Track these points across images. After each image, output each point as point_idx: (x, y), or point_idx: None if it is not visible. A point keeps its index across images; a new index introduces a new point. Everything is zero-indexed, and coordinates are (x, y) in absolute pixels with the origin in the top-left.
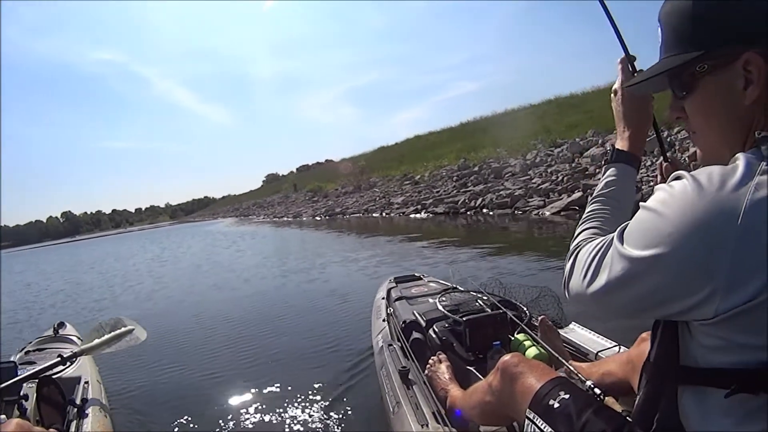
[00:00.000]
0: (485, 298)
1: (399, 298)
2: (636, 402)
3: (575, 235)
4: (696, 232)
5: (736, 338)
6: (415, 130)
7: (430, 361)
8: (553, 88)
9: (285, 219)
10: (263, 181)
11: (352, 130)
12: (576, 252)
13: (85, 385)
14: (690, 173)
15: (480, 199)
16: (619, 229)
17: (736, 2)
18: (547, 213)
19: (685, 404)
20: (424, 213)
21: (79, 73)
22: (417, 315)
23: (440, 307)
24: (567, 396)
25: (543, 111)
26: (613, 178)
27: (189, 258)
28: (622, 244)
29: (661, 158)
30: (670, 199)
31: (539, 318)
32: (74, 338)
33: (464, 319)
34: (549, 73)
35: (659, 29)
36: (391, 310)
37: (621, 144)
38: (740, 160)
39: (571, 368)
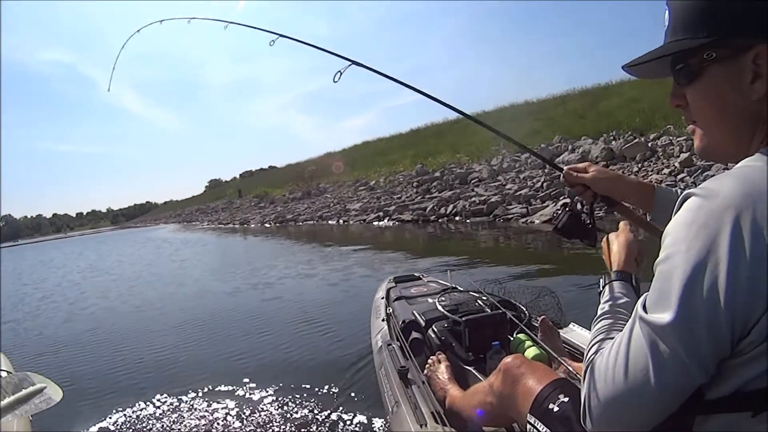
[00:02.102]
0: (485, 298)
1: (398, 298)
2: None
3: (585, 355)
4: (742, 238)
5: None
6: (360, 137)
7: (430, 360)
8: (506, 96)
9: (231, 226)
10: (206, 187)
11: (296, 137)
12: (588, 369)
13: None
14: (698, 187)
15: (451, 206)
16: (638, 307)
17: None
18: (537, 221)
19: (703, 427)
20: (389, 221)
21: (25, 73)
22: (416, 315)
23: (440, 307)
24: (566, 399)
25: (497, 117)
26: (619, 293)
27: (127, 268)
28: (653, 313)
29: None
30: (689, 224)
31: (539, 318)
32: None
33: (464, 319)
34: (496, 83)
35: (666, 12)
36: (391, 309)
37: (616, 267)
38: (759, 159)
39: (570, 369)
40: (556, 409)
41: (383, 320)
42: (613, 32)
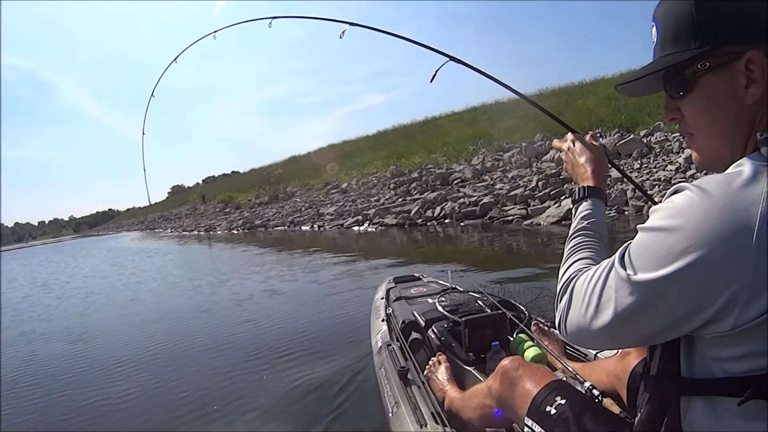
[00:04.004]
0: (485, 298)
1: (398, 298)
2: (638, 415)
3: (564, 270)
4: (713, 243)
5: (752, 348)
6: (325, 141)
7: (430, 362)
8: (474, 97)
9: (196, 233)
10: (168, 193)
11: (259, 142)
12: (570, 284)
13: None
14: (692, 183)
15: (438, 208)
16: (617, 255)
17: (739, 1)
18: (543, 223)
19: (692, 414)
20: (370, 225)
21: None
22: (416, 315)
23: (439, 308)
24: (563, 401)
25: (470, 117)
26: (588, 211)
27: (79, 283)
28: (626, 269)
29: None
30: (678, 212)
31: (533, 324)
32: None
33: (463, 319)
34: (458, 86)
35: (654, 29)
36: (390, 310)
37: (586, 182)
38: (745, 165)
39: (569, 369)
40: (553, 411)
41: (383, 320)
42: (581, 32)
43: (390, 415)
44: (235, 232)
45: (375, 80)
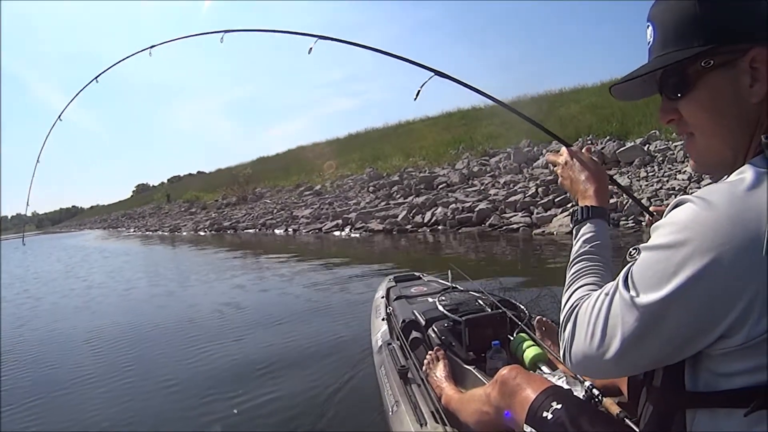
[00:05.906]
0: (485, 297)
1: (398, 297)
2: (641, 426)
3: (566, 298)
4: (723, 254)
5: (760, 362)
6: (294, 143)
7: (427, 357)
8: (441, 103)
9: (160, 233)
10: (133, 192)
11: (223, 142)
12: (574, 312)
13: None
14: (694, 195)
15: (429, 214)
16: (620, 277)
17: None
18: (555, 231)
19: (697, 425)
20: (352, 230)
21: None
22: (416, 314)
23: (440, 307)
24: (559, 406)
25: (446, 122)
26: (591, 234)
27: (20, 287)
28: (630, 291)
29: (647, 216)
30: (683, 227)
31: (536, 319)
32: None
33: (464, 318)
34: (430, 93)
35: (650, 29)
36: (391, 309)
37: (588, 201)
38: (747, 172)
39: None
40: (549, 416)
41: (383, 320)
42: (561, 36)
43: (390, 413)
44: (202, 233)
45: (343, 85)
